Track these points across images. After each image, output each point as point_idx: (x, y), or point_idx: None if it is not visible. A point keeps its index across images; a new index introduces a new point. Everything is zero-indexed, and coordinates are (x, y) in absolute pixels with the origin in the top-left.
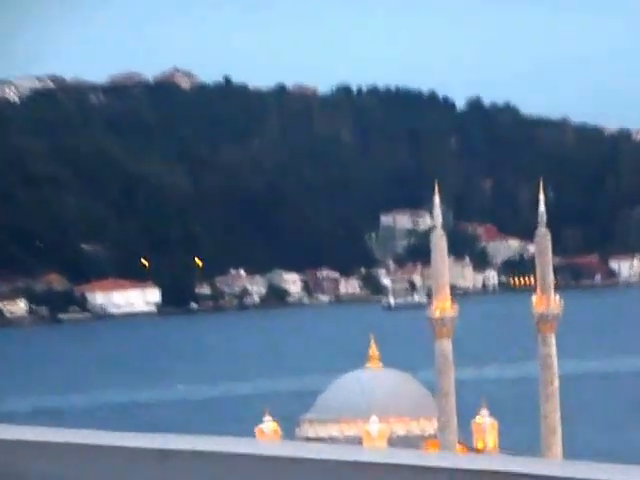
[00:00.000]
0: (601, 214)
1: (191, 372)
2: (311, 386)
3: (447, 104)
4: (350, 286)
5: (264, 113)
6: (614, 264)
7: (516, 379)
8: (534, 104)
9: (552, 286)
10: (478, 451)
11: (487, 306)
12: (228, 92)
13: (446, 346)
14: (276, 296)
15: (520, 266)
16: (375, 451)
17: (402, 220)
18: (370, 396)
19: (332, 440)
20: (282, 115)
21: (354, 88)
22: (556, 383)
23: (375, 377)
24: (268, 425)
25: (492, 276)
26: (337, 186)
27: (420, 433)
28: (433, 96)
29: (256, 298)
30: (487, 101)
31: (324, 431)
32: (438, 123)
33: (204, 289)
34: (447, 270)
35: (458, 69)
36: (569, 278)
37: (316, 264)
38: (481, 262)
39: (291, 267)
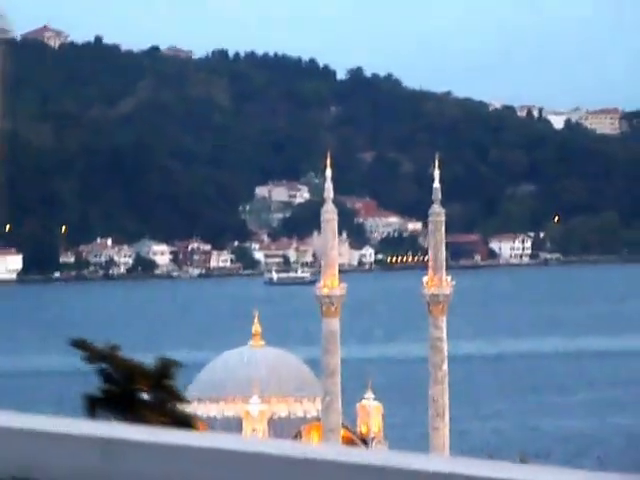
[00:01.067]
0: (484, 191)
1: (55, 343)
2: (187, 363)
3: (327, 72)
4: (222, 259)
5: (136, 75)
6: (495, 244)
7: (402, 360)
8: (416, 77)
9: (444, 266)
10: (362, 435)
11: (366, 284)
12: (99, 52)
13: (333, 325)
14: (144, 267)
15: (399, 244)
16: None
17: (278, 192)
18: (251, 375)
19: (211, 420)
20: (155, 77)
21: (231, 53)
22: (445, 367)
23: (257, 355)
24: None
25: (369, 253)
26: (211, 153)
27: (303, 415)
28: (313, 63)
29: (122, 269)
30: (369, 72)
31: (203, 410)
32: (318, 91)
33: (68, 257)
34: (337, 247)
35: (338, 38)
36: (448, 257)
37: (186, 235)
38: (358, 238)
39: (160, 237)
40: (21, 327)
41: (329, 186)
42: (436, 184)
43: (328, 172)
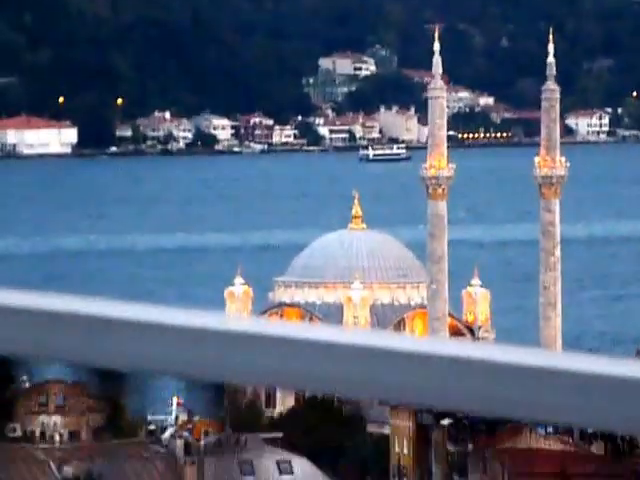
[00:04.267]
0: (559, 66)
1: (128, 220)
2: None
3: None
4: (285, 134)
5: None
6: (571, 120)
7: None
8: None
9: (558, 146)
10: (468, 324)
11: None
12: None
13: (440, 208)
14: (204, 142)
15: (470, 119)
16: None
17: (343, 65)
18: (352, 260)
19: (309, 306)
20: None
21: None
22: (558, 253)
23: (359, 239)
24: (239, 288)
25: None
26: (272, 23)
27: (406, 302)
28: None
29: (182, 143)
30: None
31: (300, 296)
32: None
33: (124, 131)
34: (444, 126)
35: None
36: (522, 134)
37: (248, 109)
38: (427, 114)
39: (220, 111)
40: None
41: (437, 61)
42: (550, 59)
43: (436, 45)
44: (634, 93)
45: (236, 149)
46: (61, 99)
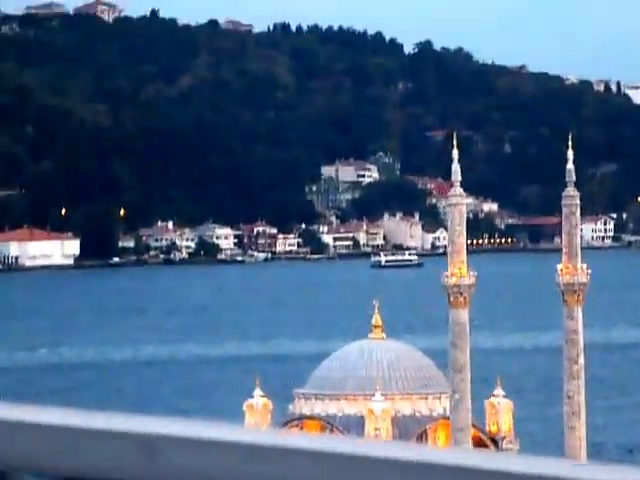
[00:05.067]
0: (563, 171)
1: (131, 329)
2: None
3: (394, 46)
4: (288, 243)
5: (194, 50)
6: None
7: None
8: (488, 51)
9: (579, 253)
10: (491, 435)
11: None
12: (155, 27)
13: (462, 317)
14: (207, 252)
15: (474, 226)
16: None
17: (345, 172)
18: (373, 371)
19: (330, 418)
20: (214, 53)
21: (293, 27)
22: (582, 360)
23: (379, 349)
24: (258, 400)
25: (443, 236)
26: (274, 132)
27: (428, 413)
28: (379, 37)
29: (184, 253)
30: (437, 46)
31: (321, 408)
32: (384, 66)
33: (127, 242)
34: (464, 233)
35: (407, 11)
36: (527, 239)
37: (251, 218)
38: (431, 221)
39: (223, 221)
40: (80, 313)
41: (456, 168)
42: (569, 165)
43: (454, 153)
44: (638, 198)
45: (239, 258)
46: (63, 210)
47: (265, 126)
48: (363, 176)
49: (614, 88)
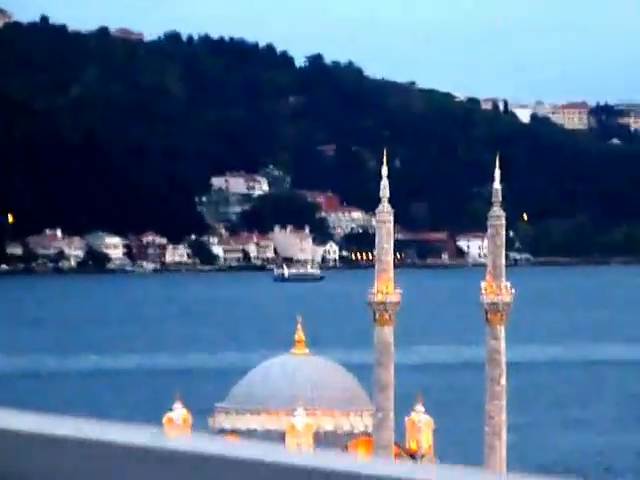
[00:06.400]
0: (451, 188)
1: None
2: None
3: (286, 60)
4: (178, 254)
5: (84, 57)
6: (463, 243)
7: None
8: (379, 66)
9: (503, 273)
10: (411, 452)
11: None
12: (45, 32)
13: (387, 335)
14: (95, 261)
15: (363, 240)
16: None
17: (236, 184)
18: (296, 386)
19: (250, 434)
20: (103, 63)
21: (184, 37)
22: (503, 381)
23: (301, 364)
24: (178, 413)
25: (333, 250)
26: (164, 143)
27: (350, 429)
28: (271, 50)
29: (73, 262)
30: (328, 60)
31: (242, 423)
32: (276, 80)
33: (15, 249)
34: (391, 251)
35: (296, 24)
36: (415, 256)
37: (141, 228)
38: (321, 234)
39: (113, 230)
40: None
41: (385, 184)
42: (496, 185)
43: (384, 170)
44: (525, 217)
45: (128, 268)
46: None
47: (155, 137)
48: (253, 188)
49: (501, 107)
